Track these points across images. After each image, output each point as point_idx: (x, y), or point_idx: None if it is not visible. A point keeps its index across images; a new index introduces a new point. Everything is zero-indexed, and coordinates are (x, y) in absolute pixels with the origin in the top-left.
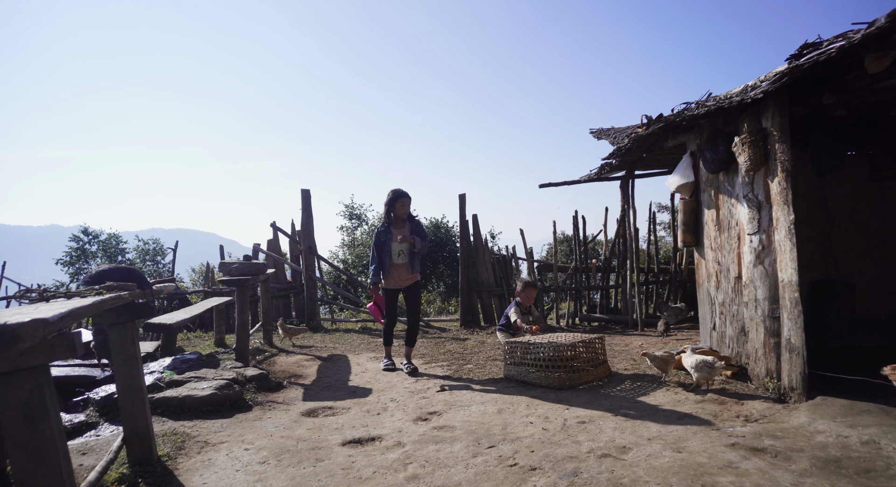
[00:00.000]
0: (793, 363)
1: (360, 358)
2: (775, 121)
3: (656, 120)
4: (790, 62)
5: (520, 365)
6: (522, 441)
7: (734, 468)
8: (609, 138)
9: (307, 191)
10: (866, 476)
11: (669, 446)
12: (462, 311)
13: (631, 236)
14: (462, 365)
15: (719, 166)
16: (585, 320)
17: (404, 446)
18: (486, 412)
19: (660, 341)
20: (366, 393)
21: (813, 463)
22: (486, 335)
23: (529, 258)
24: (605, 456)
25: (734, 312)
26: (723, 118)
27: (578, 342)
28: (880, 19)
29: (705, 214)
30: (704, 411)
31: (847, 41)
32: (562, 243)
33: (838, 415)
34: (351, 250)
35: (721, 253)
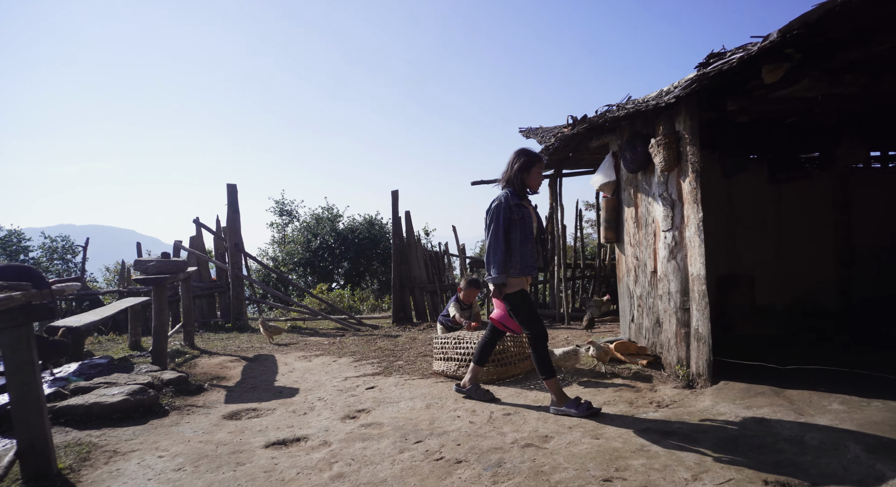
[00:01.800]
0: (700, 351)
1: (288, 358)
2: (687, 125)
3: (580, 121)
4: (699, 70)
5: (449, 361)
6: (449, 434)
7: (645, 451)
8: (537, 138)
9: (233, 186)
10: (758, 452)
11: (588, 433)
12: (394, 308)
13: (559, 233)
14: (393, 362)
15: (638, 166)
16: None
17: (330, 445)
18: (414, 408)
19: (584, 333)
20: (292, 393)
21: (714, 443)
22: (417, 332)
23: (462, 255)
24: (528, 446)
25: (650, 304)
26: (641, 121)
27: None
28: (773, 34)
29: (625, 211)
30: (621, 398)
31: (746, 53)
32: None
33: (737, 398)
34: (282, 248)
35: (639, 249)
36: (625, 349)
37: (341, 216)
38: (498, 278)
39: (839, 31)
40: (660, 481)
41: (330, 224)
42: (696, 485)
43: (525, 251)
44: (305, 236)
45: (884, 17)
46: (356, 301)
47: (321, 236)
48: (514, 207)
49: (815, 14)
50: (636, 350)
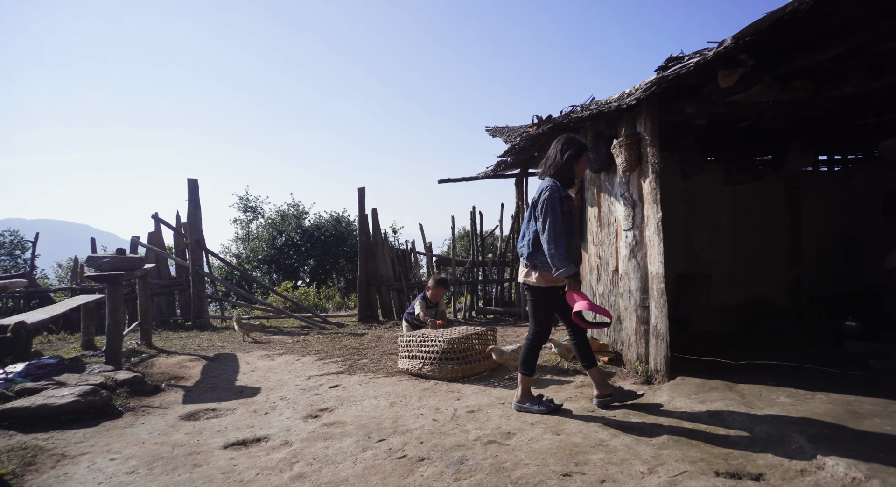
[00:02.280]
0: (658, 348)
1: (251, 357)
2: (647, 126)
3: (545, 121)
4: (658, 73)
5: (414, 359)
6: (413, 432)
7: (604, 445)
8: (503, 137)
9: (194, 181)
10: (711, 444)
11: (550, 429)
12: (360, 306)
13: None
14: (357, 360)
15: (601, 167)
16: (482, 312)
17: (292, 445)
18: (378, 407)
19: None
20: (254, 393)
21: (670, 436)
22: (384, 330)
23: (428, 253)
24: (491, 443)
25: (612, 302)
26: (604, 122)
27: (472, 334)
28: (727, 40)
29: (589, 211)
30: (582, 395)
31: (702, 57)
32: (462, 239)
33: (692, 393)
34: (246, 244)
35: (602, 248)
36: None
37: (307, 213)
38: (568, 270)
39: (787, 39)
40: (617, 474)
41: (296, 221)
42: (651, 478)
43: (571, 246)
44: (270, 233)
45: (825, 29)
46: (322, 299)
47: (287, 233)
48: (563, 198)
49: (766, 22)
50: (598, 347)
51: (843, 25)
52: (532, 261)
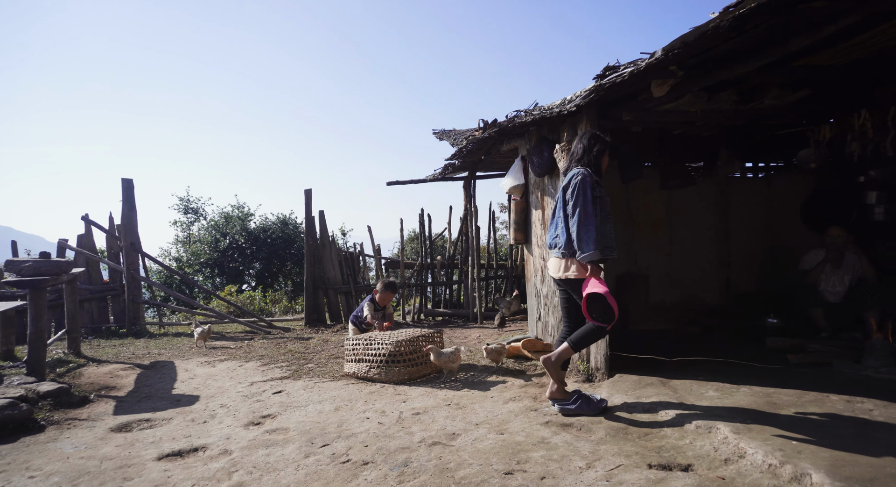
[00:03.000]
0: (598, 347)
1: (190, 364)
2: None
3: (491, 125)
4: (596, 81)
5: (360, 362)
6: (357, 436)
7: (546, 443)
8: (450, 140)
9: (129, 181)
10: (645, 439)
11: (494, 429)
12: (307, 310)
13: (473, 234)
14: (303, 365)
15: (545, 170)
16: (430, 314)
17: (231, 453)
18: (322, 412)
19: (495, 332)
20: (192, 401)
21: (607, 432)
22: (331, 334)
23: (377, 255)
24: (436, 444)
25: (555, 303)
26: (548, 127)
27: (418, 336)
28: (658, 52)
29: (533, 214)
30: (526, 394)
31: (636, 67)
32: (413, 241)
33: (630, 389)
34: (186, 247)
35: (545, 250)
36: (532, 347)
37: (253, 215)
38: (593, 255)
39: (712, 53)
40: (557, 471)
41: (240, 223)
42: (589, 473)
43: (605, 231)
44: (213, 236)
45: (745, 45)
46: (268, 303)
47: (231, 235)
48: (595, 183)
49: (692, 36)
50: (542, 347)
51: (761, 42)
52: (569, 250)
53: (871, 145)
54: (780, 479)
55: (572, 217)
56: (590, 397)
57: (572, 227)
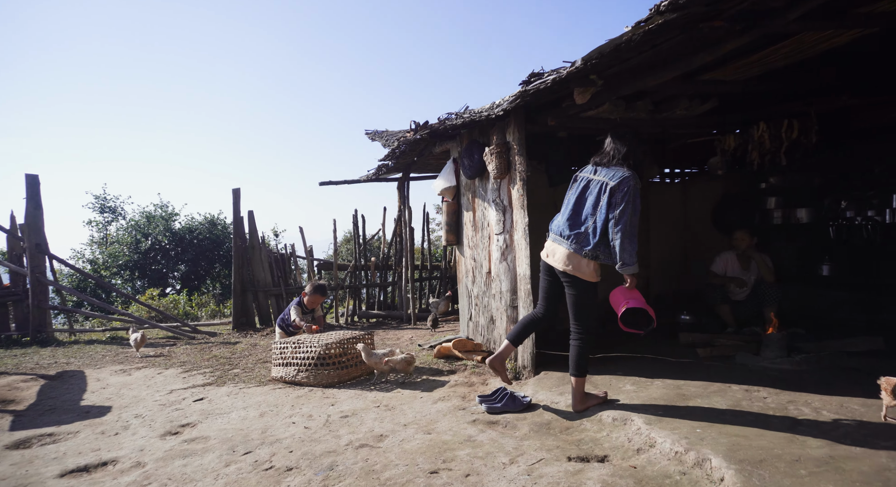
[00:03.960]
0: (525, 346)
1: (102, 373)
2: (515, 136)
3: (422, 127)
4: (522, 87)
5: (288, 366)
6: (282, 442)
7: (472, 441)
8: (382, 140)
9: (34, 176)
10: (567, 433)
11: (422, 429)
12: (235, 313)
13: (407, 235)
14: (228, 371)
15: (475, 173)
16: (364, 317)
17: (144, 466)
18: (246, 418)
19: (428, 333)
20: (103, 412)
21: (531, 428)
22: (260, 338)
23: (309, 257)
24: (363, 446)
25: (486, 303)
26: (478, 130)
27: (349, 338)
28: (578, 61)
29: (465, 215)
30: (455, 393)
31: (558, 75)
32: (349, 242)
33: (553, 386)
34: (103, 249)
35: (476, 251)
36: (462, 347)
37: (178, 215)
38: (635, 268)
39: (628, 64)
40: (481, 467)
41: (164, 223)
42: (512, 468)
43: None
44: (133, 236)
45: (657, 57)
46: (194, 307)
47: (153, 236)
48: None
49: (608, 47)
50: (473, 347)
51: (671, 56)
52: (595, 251)
53: (769, 155)
54: (685, 465)
55: (618, 225)
56: (515, 394)
57: (616, 234)
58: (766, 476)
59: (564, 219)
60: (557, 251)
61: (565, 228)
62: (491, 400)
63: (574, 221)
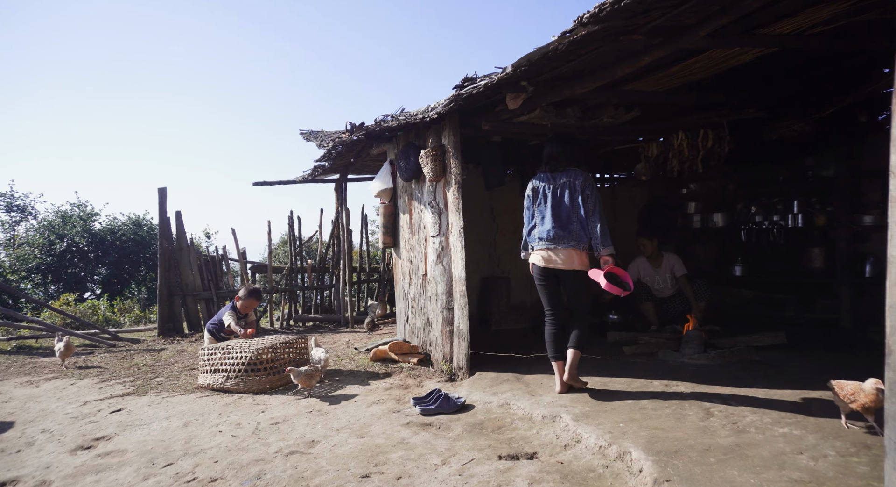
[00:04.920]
0: (460, 347)
1: (5, 385)
2: (450, 139)
3: (358, 128)
4: (456, 91)
5: (217, 372)
6: (207, 452)
7: (405, 443)
8: (317, 141)
9: None
10: (499, 432)
11: (355, 433)
12: (161, 319)
13: (344, 237)
14: (151, 379)
15: (411, 175)
16: (300, 320)
17: (50, 484)
18: (169, 428)
19: (365, 336)
20: (4, 428)
21: (464, 429)
22: (188, 344)
23: (242, 259)
24: (293, 453)
25: (422, 305)
26: (415, 133)
27: (280, 343)
28: (508, 67)
29: (401, 217)
30: (391, 396)
31: (490, 80)
32: (286, 245)
33: (487, 386)
34: (9, 250)
35: (413, 253)
36: (398, 349)
37: (98, 215)
38: (612, 248)
39: (557, 72)
40: (413, 469)
41: (82, 224)
42: (444, 469)
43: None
44: (46, 238)
45: (584, 66)
46: (116, 313)
47: (69, 237)
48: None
49: (536, 55)
50: (409, 349)
51: (596, 66)
52: (586, 244)
53: (688, 162)
54: (608, 458)
55: (594, 215)
56: (449, 395)
57: (595, 223)
58: (680, 465)
59: (551, 226)
60: (558, 255)
61: (558, 233)
62: (425, 402)
63: (562, 225)
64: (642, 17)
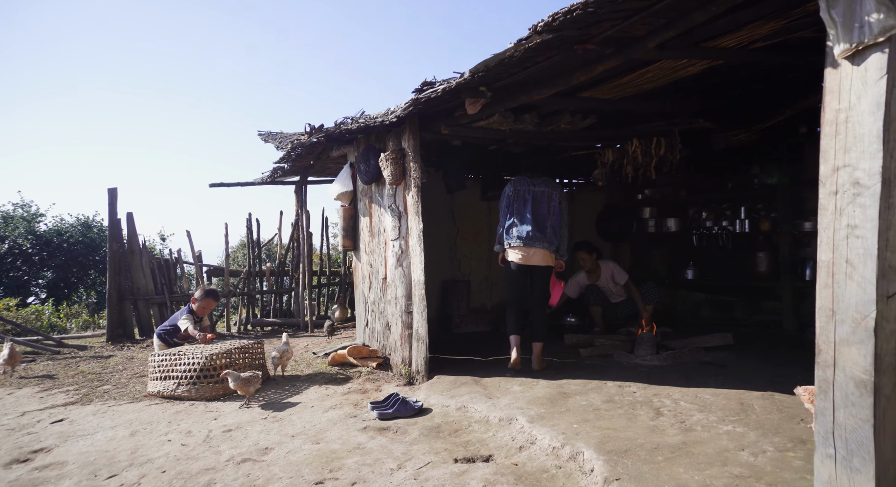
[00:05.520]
0: (419, 350)
1: None
2: (410, 143)
3: (317, 130)
4: (415, 95)
5: (167, 379)
6: (155, 462)
7: (361, 448)
8: (275, 142)
9: None
10: (455, 435)
11: (310, 439)
12: (110, 324)
13: (304, 240)
14: (97, 387)
15: (371, 178)
16: (259, 325)
17: None
18: (114, 438)
19: (325, 340)
20: None
21: (421, 433)
22: (139, 350)
23: (198, 262)
24: (245, 461)
25: (381, 309)
26: (375, 135)
27: (235, 348)
28: (466, 73)
29: (361, 221)
30: (348, 401)
31: (448, 85)
32: (244, 248)
33: (445, 389)
34: None
35: (373, 257)
36: (357, 353)
37: (44, 216)
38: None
39: (515, 78)
40: (369, 475)
41: (25, 225)
42: (399, 473)
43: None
44: None
45: (541, 73)
46: (62, 319)
47: (12, 238)
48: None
49: (493, 61)
50: (368, 353)
51: (552, 73)
52: (553, 246)
53: (642, 169)
54: (561, 459)
55: (565, 226)
56: (407, 399)
57: (566, 234)
58: (630, 464)
59: (531, 228)
60: (535, 253)
61: (535, 235)
62: (383, 406)
63: (539, 228)
64: (594, 27)
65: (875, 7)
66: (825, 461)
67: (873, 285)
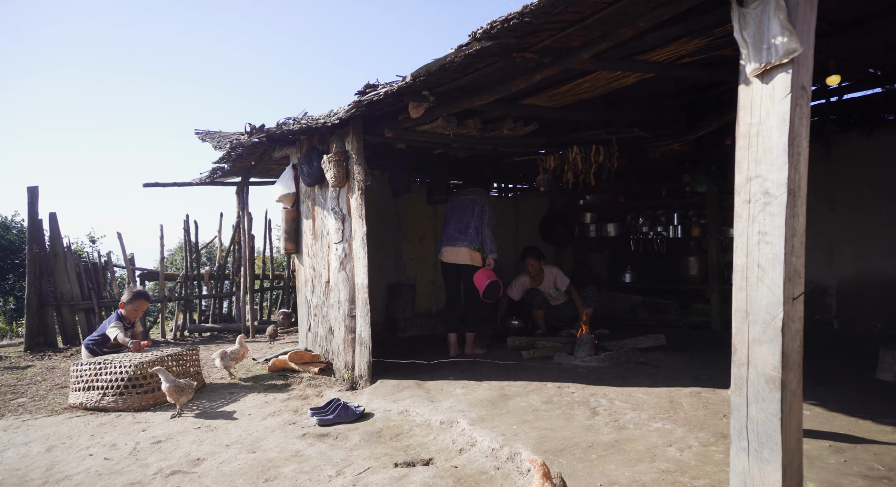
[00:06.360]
0: (362, 354)
1: None
2: (354, 145)
3: (258, 130)
4: (358, 97)
5: (91, 390)
6: (73, 479)
7: (299, 456)
8: (213, 142)
9: None
10: (397, 440)
11: (246, 448)
12: (28, 332)
13: (245, 242)
14: (10, 400)
15: (314, 180)
16: (196, 331)
17: None
18: (27, 455)
19: (266, 345)
20: None
21: (362, 438)
22: (62, 360)
23: (130, 266)
24: (175, 473)
25: (325, 313)
26: (318, 137)
27: (168, 355)
28: (408, 76)
29: (304, 223)
30: (288, 408)
31: (390, 88)
32: (182, 251)
33: (388, 394)
34: None
35: (316, 260)
36: (298, 359)
37: None
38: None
39: (458, 83)
40: (306, 482)
41: None
42: (338, 479)
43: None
44: None
45: (483, 80)
46: None
47: None
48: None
49: (435, 66)
50: (310, 359)
51: (494, 80)
52: (474, 245)
53: (582, 175)
54: (500, 459)
55: (488, 226)
56: (348, 404)
57: (488, 233)
58: (565, 462)
59: (453, 230)
60: (459, 252)
61: (457, 235)
62: (323, 412)
63: (460, 230)
64: (532, 36)
65: (780, 31)
66: (739, 453)
67: (781, 287)
